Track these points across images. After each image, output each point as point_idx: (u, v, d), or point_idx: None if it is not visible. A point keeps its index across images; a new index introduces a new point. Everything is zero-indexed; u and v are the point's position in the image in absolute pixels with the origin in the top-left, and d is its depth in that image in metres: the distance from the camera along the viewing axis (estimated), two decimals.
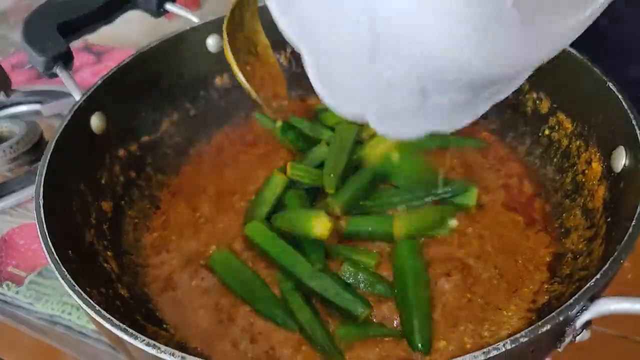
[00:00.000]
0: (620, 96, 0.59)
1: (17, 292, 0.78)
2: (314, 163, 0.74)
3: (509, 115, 0.81)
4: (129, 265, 0.69)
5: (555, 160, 0.73)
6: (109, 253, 0.67)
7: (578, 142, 0.68)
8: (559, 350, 0.45)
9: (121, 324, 0.43)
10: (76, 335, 0.73)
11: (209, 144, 0.87)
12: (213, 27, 0.84)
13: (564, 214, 0.68)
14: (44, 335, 0.75)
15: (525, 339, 0.41)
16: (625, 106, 0.57)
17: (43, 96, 1.10)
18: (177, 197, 0.79)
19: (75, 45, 1.33)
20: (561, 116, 0.72)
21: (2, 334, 0.75)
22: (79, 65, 1.28)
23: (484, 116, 0.82)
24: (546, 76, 0.73)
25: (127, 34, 1.41)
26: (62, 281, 0.47)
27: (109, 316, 0.44)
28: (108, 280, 0.63)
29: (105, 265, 0.64)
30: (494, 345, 0.40)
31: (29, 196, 0.89)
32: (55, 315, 0.76)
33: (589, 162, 0.65)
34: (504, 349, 0.40)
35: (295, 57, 0.92)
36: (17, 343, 0.74)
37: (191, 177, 0.82)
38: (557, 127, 0.73)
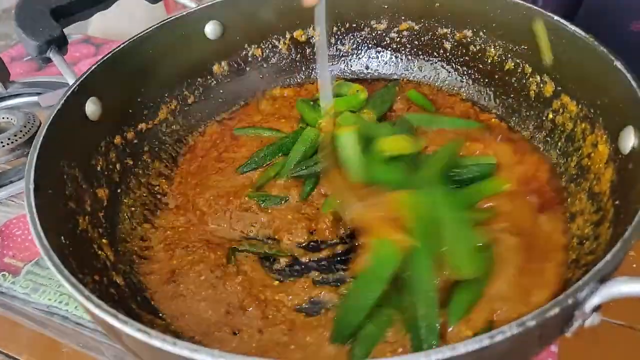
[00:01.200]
0: (628, 75, 0.57)
1: (13, 283, 0.77)
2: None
3: (512, 100, 0.80)
4: (125, 254, 0.68)
5: (559, 144, 0.71)
6: (104, 240, 0.66)
7: (583, 125, 0.67)
8: (567, 335, 0.43)
9: (111, 310, 0.42)
10: (73, 326, 0.72)
11: (208, 132, 0.86)
12: (211, 12, 0.82)
13: (569, 199, 0.66)
14: (42, 326, 0.74)
15: (533, 323, 0.39)
16: (634, 84, 0.55)
17: (41, 87, 1.09)
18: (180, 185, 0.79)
19: (75, 37, 1.33)
20: (565, 99, 0.70)
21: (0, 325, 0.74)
22: (79, 57, 1.27)
23: (487, 101, 0.82)
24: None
25: (128, 26, 1.40)
26: (50, 266, 0.46)
27: (98, 301, 0.43)
28: (103, 268, 0.62)
29: (100, 252, 0.63)
30: (499, 329, 0.38)
31: None
32: (52, 305, 0.74)
33: (595, 145, 0.63)
34: (510, 334, 0.38)
35: (295, 43, 0.90)
36: (15, 334, 0.73)
37: (190, 165, 0.81)
38: (561, 110, 0.71)
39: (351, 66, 0.92)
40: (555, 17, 0.69)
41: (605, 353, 0.65)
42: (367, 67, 0.92)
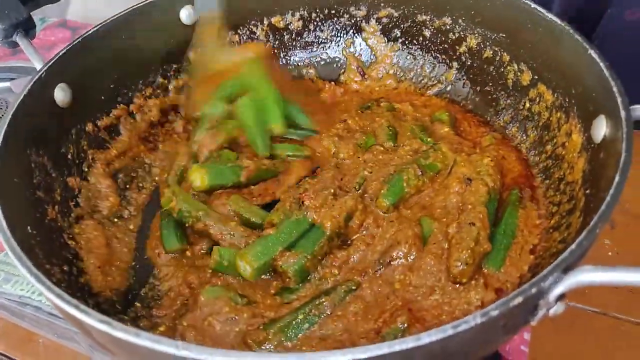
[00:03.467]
0: (602, 63, 0.56)
1: None
2: None
3: (490, 89, 0.80)
4: None
5: (534, 133, 0.71)
6: (75, 230, 0.65)
7: (558, 114, 0.67)
8: (532, 324, 0.43)
9: (72, 300, 0.41)
10: (47, 316, 0.71)
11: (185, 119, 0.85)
12: None
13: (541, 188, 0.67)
14: (17, 317, 0.73)
15: (496, 312, 0.39)
16: (607, 74, 0.55)
17: (15, 73, 1.07)
18: None
19: (51, 21, 1.30)
20: (542, 87, 0.70)
21: None
22: (54, 41, 1.24)
23: (465, 90, 0.82)
24: (527, 47, 0.72)
25: (108, 9, 1.37)
26: (12, 256, 0.45)
27: (60, 292, 0.42)
28: (73, 258, 0.61)
29: (70, 242, 0.62)
30: (463, 319, 0.38)
31: None
32: (25, 296, 0.73)
33: (569, 134, 0.64)
34: (473, 323, 0.38)
35: (273, 30, 0.89)
36: None
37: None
38: (537, 100, 0.71)
39: (329, 53, 0.91)
40: (533, 5, 0.68)
41: (578, 339, 0.66)
42: (344, 53, 0.91)
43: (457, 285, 0.58)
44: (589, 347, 0.66)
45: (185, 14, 0.81)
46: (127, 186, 0.75)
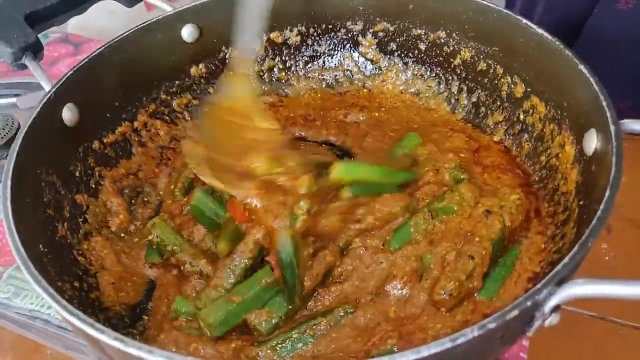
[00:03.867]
0: (591, 79, 0.58)
1: None
2: None
3: (486, 101, 0.82)
4: None
5: (529, 144, 0.73)
6: (84, 246, 0.66)
7: (552, 126, 0.69)
8: (529, 334, 0.45)
9: (88, 319, 0.43)
10: (55, 329, 0.73)
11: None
12: (187, 15, 0.82)
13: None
14: (25, 329, 0.75)
15: (493, 325, 0.41)
16: (597, 89, 0.57)
17: (20, 89, 1.09)
18: None
19: (53, 37, 1.32)
20: (535, 100, 0.72)
21: None
22: (57, 57, 1.26)
23: (461, 102, 0.84)
24: (520, 60, 0.74)
25: (108, 23, 1.39)
26: (27, 275, 0.46)
27: (76, 311, 0.44)
28: (83, 274, 0.63)
29: (80, 258, 0.64)
30: (461, 332, 0.40)
31: None
32: (34, 310, 0.75)
33: (562, 146, 0.66)
34: (471, 336, 0.40)
35: (272, 45, 0.91)
36: None
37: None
38: (531, 111, 0.73)
39: (328, 67, 0.93)
40: (524, 21, 0.70)
41: (577, 344, 0.68)
42: (342, 67, 0.93)
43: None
44: (587, 352, 0.68)
45: (187, 32, 0.83)
46: (133, 201, 0.77)
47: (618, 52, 0.98)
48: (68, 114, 0.68)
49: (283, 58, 0.92)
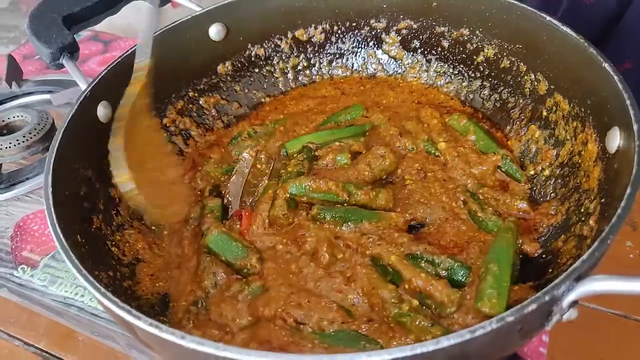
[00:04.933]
0: (615, 77, 0.59)
1: (32, 275, 0.82)
2: None
3: (509, 98, 0.82)
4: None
5: (551, 141, 0.74)
6: (117, 237, 0.69)
7: (575, 123, 0.69)
8: (547, 328, 0.46)
9: (125, 306, 0.45)
10: (89, 316, 0.76)
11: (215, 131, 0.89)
12: (215, 15, 0.85)
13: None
14: (59, 315, 0.78)
15: (512, 318, 0.42)
16: (620, 87, 0.57)
17: (53, 85, 1.13)
18: None
19: (83, 35, 1.36)
20: (558, 97, 0.72)
21: (19, 315, 0.78)
22: (88, 54, 1.30)
23: (483, 99, 0.84)
24: (543, 57, 0.74)
25: (134, 21, 1.42)
26: (69, 265, 0.49)
27: (114, 298, 0.46)
28: (117, 264, 0.66)
29: (114, 249, 0.67)
30: (480, 324, 0.41)
31: (42, 183, 0.92)
32: (69, 297, 0.79)
33: (585, 143, 0.66)
34: (490, 328, 0.41)
35: (297, 43, 0.93)
36: (33, 324, 0.77)
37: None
38: (554, 109, 0.73)
39: (352, 64, 0.95)
40: (548, 18, 0.70)
41: (597, 342, 0.68)
42: (366, 65, 0.94)
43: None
44: (608, 350, 0.67)
45: (214, 31, 0.86)
46: None
47: None
48: (102, 111, 0.71)
49: (307, 55, 0.94)
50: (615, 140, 0.58)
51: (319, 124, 0.86)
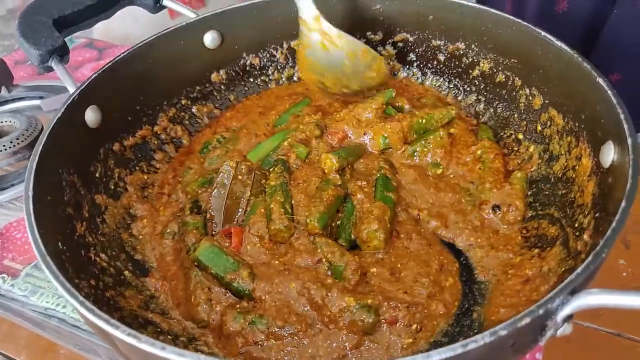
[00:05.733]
0: (609, 91, 0.58)
1: (12, 285, 0.79)
2: None
3: (503, 112, 0.82)
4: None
5: (546, 156, 0.73)
6: (100, 246, 0.67)
7: (569, 138, 0.68)
8: (540, 344, 0.45)
9: (103, 314, 0.44)
10: (70, 328, 0.74)
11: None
12: (210, 23, 0.84)
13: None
14: (40, 327, 0.75)
15: (505, 332, 0.40)
16: (614, 101, 0.57)
17: (43, 91, 1.12)
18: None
19: (78, 42, 1.36)
20: (553, 112, 0.72)
21: None
22: (82, 61, 1.29)
23: (479, 112, 0.83)
24: (538, 72, 0.74)
25: (132, 30, 1.42)
26: (46, 271, 0.48)
27: (91, 306, 0.45)
28: (100, 273, 0.64)
29: (97, 258, 0.65)
30: (472, 339, 0.40)
31: None
32: (50, 308, 0.76)
33: (579, 158, 0.65)
34: (482, 342, 0.40)
35: (292, 53, 0.92)
36: (13, 336, 0.75)
37: None
38: (549, 123, 0.73)
39: None
40: (543, 33, 0.70)
41: (591, 359, 0.67)
42: None
43: None
44: None
45: (209, 39, 0.85)
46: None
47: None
48: (91, 115, 0.70)
49: None
50: (609, 154, 0.57)
51: (274, 122, 0.85)
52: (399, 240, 0.68)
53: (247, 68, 0.91)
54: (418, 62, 0.90)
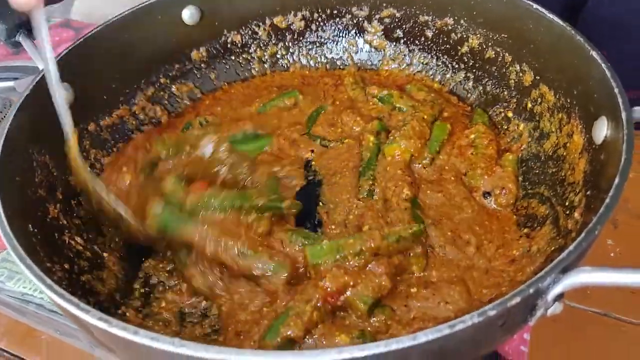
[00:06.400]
0: (603, 65, 0.56)
1: None
2: None
3: (493, 90, 0.80)
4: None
5: (536, 134, 0.71)
6: (76, 229, 0.65)
7: (560, 115, 0.66)
8: (530, 324, 0.43)
9: (73, 298, 0.41)
10: (48, 313, 0.72)
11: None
12: None
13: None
14: (20, 313, 0.73)
15: (494, 312, 0.39)
16: (608, 75, 0.55)
17: (18, 72, 1.08)
18: None
19: (55, 21, 1.31)
20: (544, 88, 0.70)
21: None
22: (58, 41, 1.25)
23: (467, 92, 0.81)
24: (529, 47, 0.72)
25: (112, 9, 1.38)
26: (12, 253, 0.45)
27: (60, 290, 0.42)
28: (74, 257, 0.61)
29: (72, 241, 0.62)
30: (460, 318, 0.38)
31: None
32: (27, 293, 0.74)
33: (570, 135, 0.64)
34: (470, 322, 0.38)
35: (275, 30, 0.89)
36: None
37: None
38: (539, 100, 0.71)
39: (331, 53, 0.91)
40: (535, 6, 0.68)
41: (579, 340, 0.66)
42: (347, 54, 0.91)
43: None
44: (589, 348, 0.66)
45: (188, 14, 0.82)
46: None
47: (623, 36, 0.93)
48: (62, 93, 0.67)
49: (286, 44, 0.90)
50: (602, 130, 0.56)
51: (257, 109, 0.83)
52: None
53: (229, 45, 0.88)
54: (405, 39, 0.88)
